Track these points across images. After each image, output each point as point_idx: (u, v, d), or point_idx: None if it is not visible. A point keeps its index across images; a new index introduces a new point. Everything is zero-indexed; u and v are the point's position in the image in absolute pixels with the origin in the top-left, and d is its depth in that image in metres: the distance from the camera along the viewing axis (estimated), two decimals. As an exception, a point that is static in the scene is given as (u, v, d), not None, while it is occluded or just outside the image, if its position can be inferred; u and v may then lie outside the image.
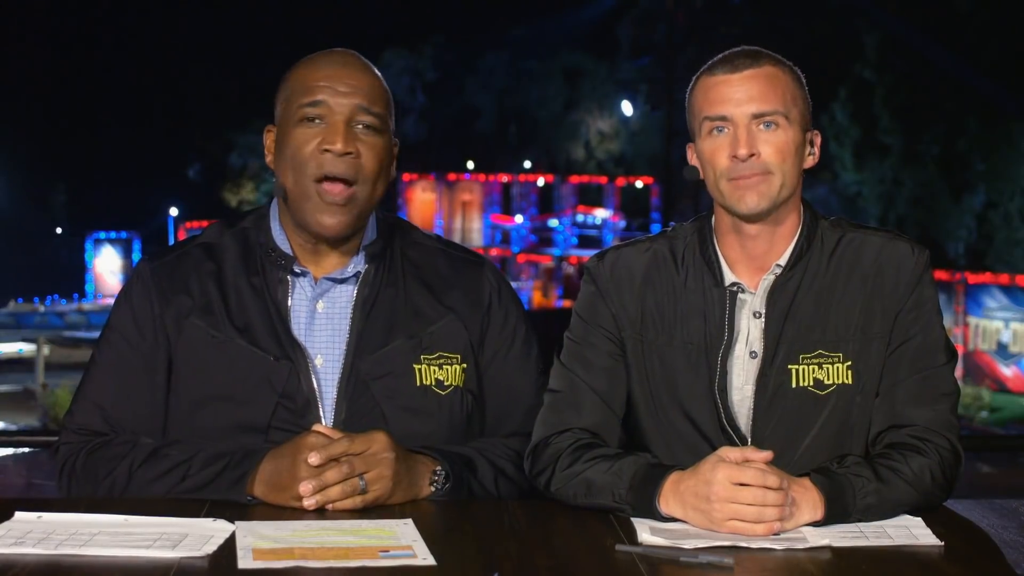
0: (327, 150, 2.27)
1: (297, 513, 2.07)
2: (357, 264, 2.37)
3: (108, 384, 2.35)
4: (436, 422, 2.32)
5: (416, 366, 2.33)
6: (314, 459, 2.08)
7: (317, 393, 2.29)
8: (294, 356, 2.29)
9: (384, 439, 2.13)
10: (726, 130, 2.18)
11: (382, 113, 2.33)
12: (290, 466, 2.10)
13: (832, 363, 2.20)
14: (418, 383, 2.32)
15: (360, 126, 2.30)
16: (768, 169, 2.16)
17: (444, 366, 2.35)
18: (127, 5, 53.88)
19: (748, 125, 2.16)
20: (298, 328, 2.33)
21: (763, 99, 2.16)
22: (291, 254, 2.36)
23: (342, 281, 2.36)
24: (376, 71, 2.37)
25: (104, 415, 2.33)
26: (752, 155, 2.15)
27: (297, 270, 2.35)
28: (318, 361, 2.31)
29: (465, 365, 2.37)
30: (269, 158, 2.39)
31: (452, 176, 39.58)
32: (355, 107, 2.29)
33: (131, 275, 2.43)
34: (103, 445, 2.29)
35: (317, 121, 2.29)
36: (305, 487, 2.07)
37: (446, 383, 2.34)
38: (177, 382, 2.32)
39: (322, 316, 2.34)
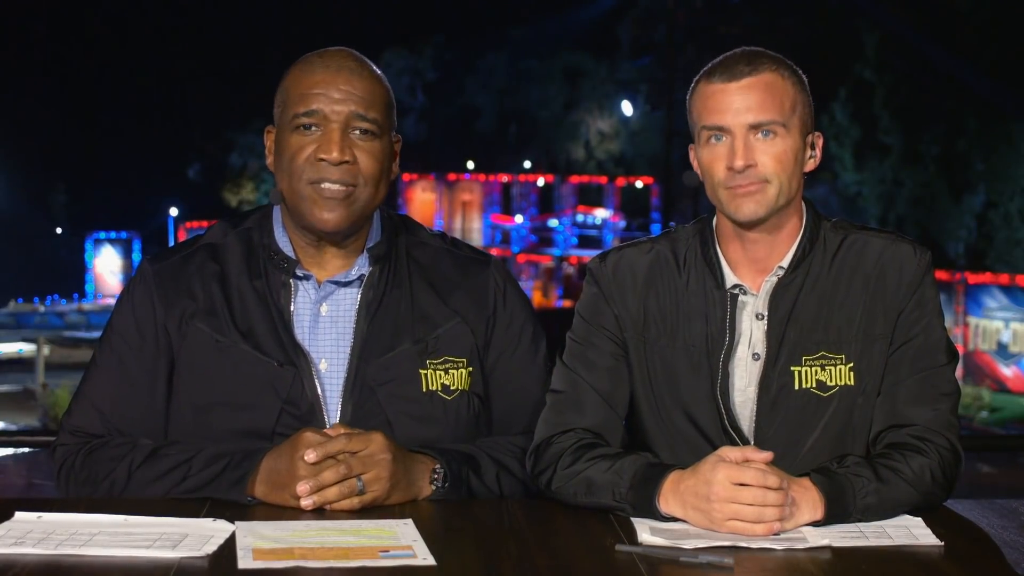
0: (323, 159, 2.24)
1: (297, 513, 2.06)
2: (361, 266, 2.34)
3: (107, 386, 2.34)
4: (441, 428, 2.30)
5: (422, 371, 2.31)
6: (311, 456, 2.07)
7: (321, 398, 2.27)
8: (297, 361, 2.27)
9: (381, 440, 2.12)
10: (724, 139, 2.17)
11: (378, 117, 2.29)
12: (288, 464, 2.10)
13: (835, 364, 2.20)
14: (424, 389, 2.31)
15: (356, 132, 2.27)
16: (765, 178, 2.16)
17: (450, 370, 2.33)
18: (127, 5, 53.89)
19: (745, 135, 2.16)
20: (301, 332, 2.31)
21: (761, 109, 2.16)
22: (294, 257, 2.34)
23: (346, 284, 2.34)
24: (373, 70, 2.33)
25: (102, 418, 2.31)
26: (749, 166, 2.15)
27: (300, 273, 2.33)
28: (322, 366, 2.30)
29: (471, 369, 2.36)
30: (270, 159, 2.36)
31: (452, 176, 39.55)
32: (350, 114, 2.26)
33: (134, 275, 2.40)
34: (101, 446, 2.28)
35: (313, 128, 2.26)
36: (302, 487, 2.06)
37: (452, 388, 2.33)
38: (180, 386, 2.31)
39: (326, 320, 2.32)
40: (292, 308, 2.32)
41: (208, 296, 2.32)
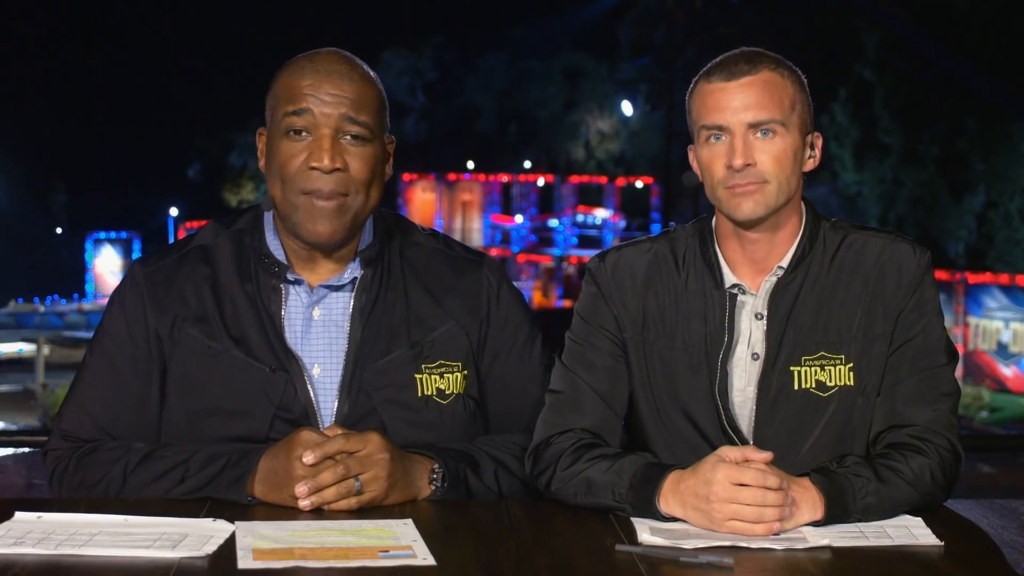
0: (314, 167, 2.22)
1: (297, 513, 2.06)
2: (353, 270, 2.32)
3: (98, 390, 2.32)
4: (437, 432, 2.29)
5: (417, 376, 2.30)
6: (309, 458, 2.07)
7: (314, 404, 2.26)
8: (289, 366, 2.26)
9: (378, 440, 2.12)
10: (723, 138, 2.17)
11: (369, 121, 2.25)
12: (285, 464, 2.09)
13: (834, 365, 2.20)
14: (419, 394, 2.29)
15: (347, 137, 2.24)
16: (764, 178, 2.15)
17: (445, 374, 2.32)
18: (127, 4, 53.90)
19: (745, 134, 2.16)
20: (293, 337, 2.29)
21: (760, 107, 2.16)
22: (285, 262, 2.32)
23: (338, 288, 2.32)
24: (364, 71, 2.29)
25: (93, 422, 2.30)
26: (748, 165, 2.15)
27: (291, 278, 2.31)
28: (315, 371, 2.28)
29: (466, 372, 2.35)
30: (262, 162, 2.33)
31: (452, 176, 39.54)
32: (341, 117, 2.23)
33: (125, 277, 2.38)
34: (93, 450, 2.26)
35: (303, 134, 2.23)
36: (301, 489, 2.06)
37: (447, 392, 2.32)
38: (172, 392, 2.29)
39: (318, 324, 2.30)
40: (283, 313, 2.30)
41: (200, 301, 2.30)
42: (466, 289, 2.39)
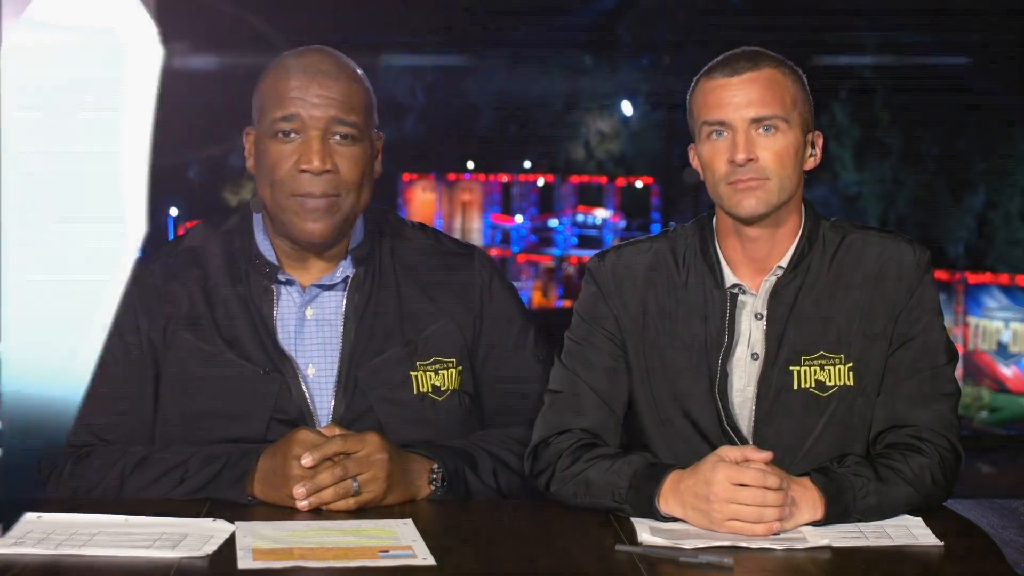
0: (304, 169, 2.21)
1: (297, 513, 2.07)
2: (345, 268, 2.32)
3: (91, 394, 2.30)
4: (433, 429, 2.30)
5: (412, 373, 2.30)
6: (307, 460, 2.07)
7: (310, 404, 2.26)
8: (283, 368, 2.26)
9: (377, 440, 2.12)
10: (725, 134, 2.17)
11: (358, 121, 2.25)
12: (283, 464, 2.09)
13: (834, 364, 2.20)
14: (415, 391, 2.30)
15: (336, 137, 2.23)
16: (766, 174, 2.16)
17: (440, 371, 2.32)
18: (127, 5, 53.92)
19: (747, 130, 2.16)
20: (286, 338, 2.29)
21: (762, 103, 2.16)
22: (275, 262, 2.31)
23: (331, 287, 2.32)
24: (352, 70, 2.28)
25: (87, 427, 2.28)
26: (750, 160, 2.15)
27: (282, 278, 2.31)
28: (310, 371, 2.28)
29: (461, 368, 2.35)
30: (250, 162, 2.32)
31: (452, 176, 39.41)
32: (330, 119, 2.22)
33: None
34: (89, 454, 2.25)
35: (292, 135, 2.22)
36: (299, 490, 2.06)
37: (442, 388, 2.32)
38: (167, 396, 2.28)
39: (312, 324, 2.30)
40: (275, 314, 2.30)
41: (192, 304, 2.29)
42: (459, 285, 2.40)
